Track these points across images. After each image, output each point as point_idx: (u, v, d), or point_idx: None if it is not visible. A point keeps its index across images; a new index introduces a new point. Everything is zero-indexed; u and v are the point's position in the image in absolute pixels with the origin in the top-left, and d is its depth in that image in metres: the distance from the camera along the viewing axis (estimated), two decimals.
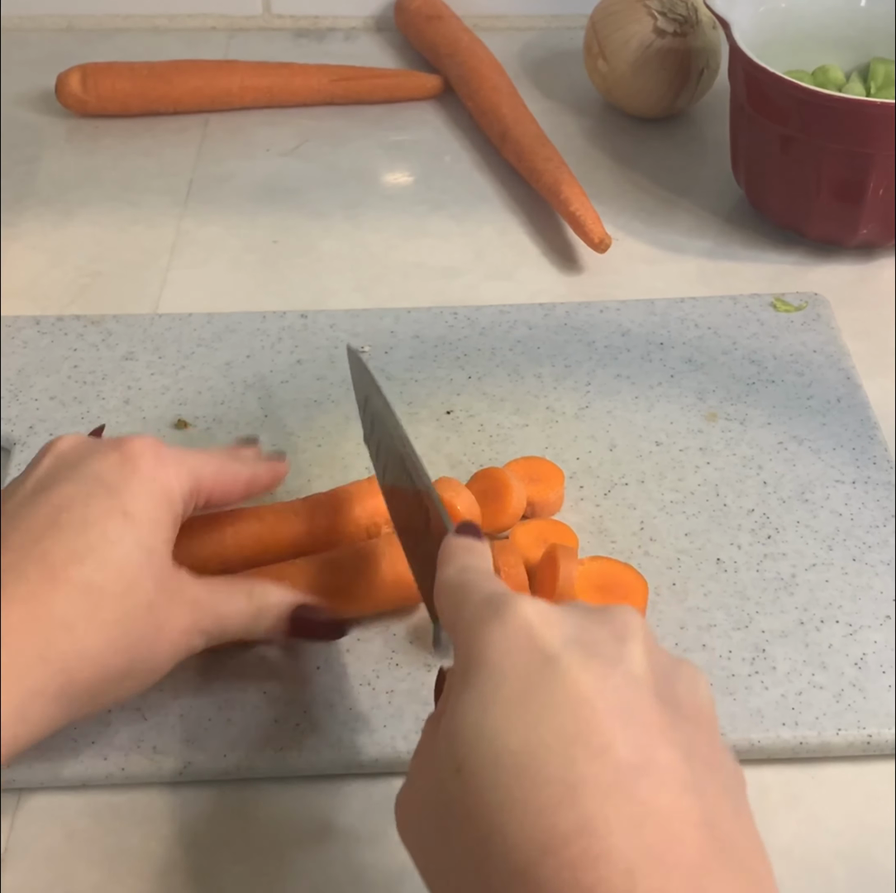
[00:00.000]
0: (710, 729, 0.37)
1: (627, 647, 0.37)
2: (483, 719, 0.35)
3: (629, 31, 0.82)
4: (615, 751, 0.34)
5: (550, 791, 0.33)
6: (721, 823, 0.34)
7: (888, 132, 0.67)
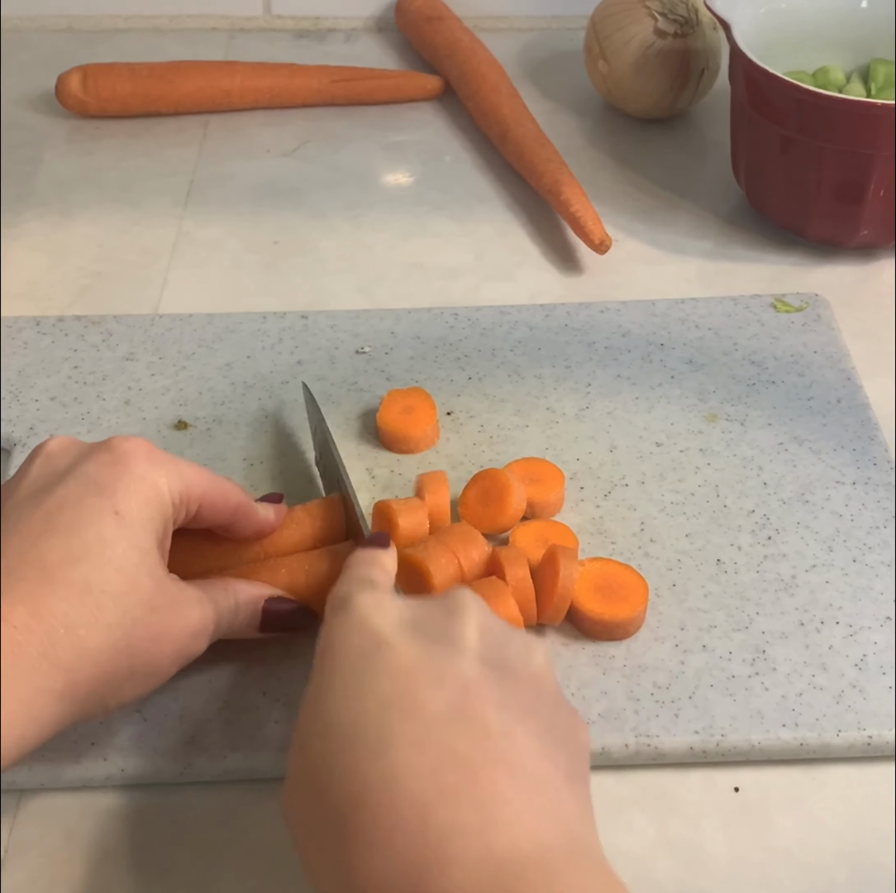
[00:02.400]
0: (539, 688, 0.41)
1: (456, 621, 0.41)
2: (318, 700, 0.39)
3: (630, 32, 0.82)
4: (425, 708, 0.38)
5: (365, 748, 0.37)
6: (526, 762, 0.37)
7: (888, 133, 0.67)
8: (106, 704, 0.44)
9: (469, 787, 0.36)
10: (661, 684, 0.51)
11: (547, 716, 0.40)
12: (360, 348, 0.67)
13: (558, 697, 0.42)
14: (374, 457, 0.60)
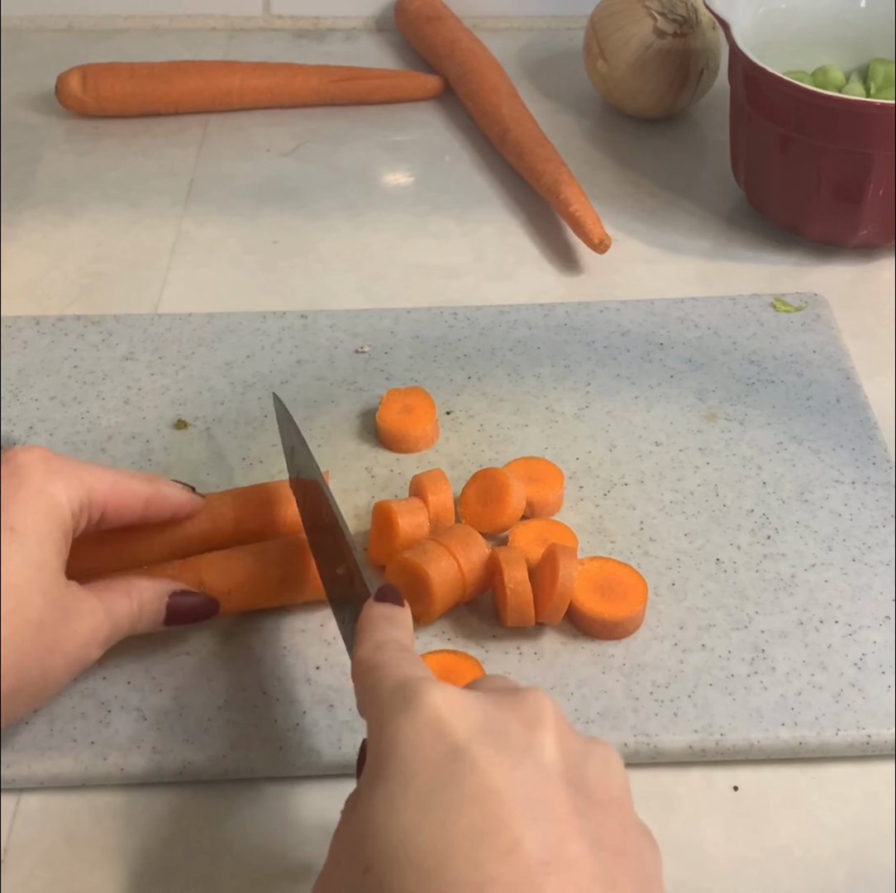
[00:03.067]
0: (622, 812, 0.37)
1: (538, 735, 0.37)
2: (391, 818, 0.35)
3: (629, 32, 0.82)
4: (523, 848, 0.34)
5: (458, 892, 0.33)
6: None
7: (888, 133, 0.67)
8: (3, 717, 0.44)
9: None
10: (660, 683, 0.51)
11: (636, 851, 0.37)
12: (359, 348, 0.67)
13: (637, 821, 0.39)
14: (373, 456, 0.60)
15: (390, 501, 0.55)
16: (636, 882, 0.35)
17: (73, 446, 0.61)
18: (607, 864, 0.35)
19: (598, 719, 0.49)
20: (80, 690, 0.50)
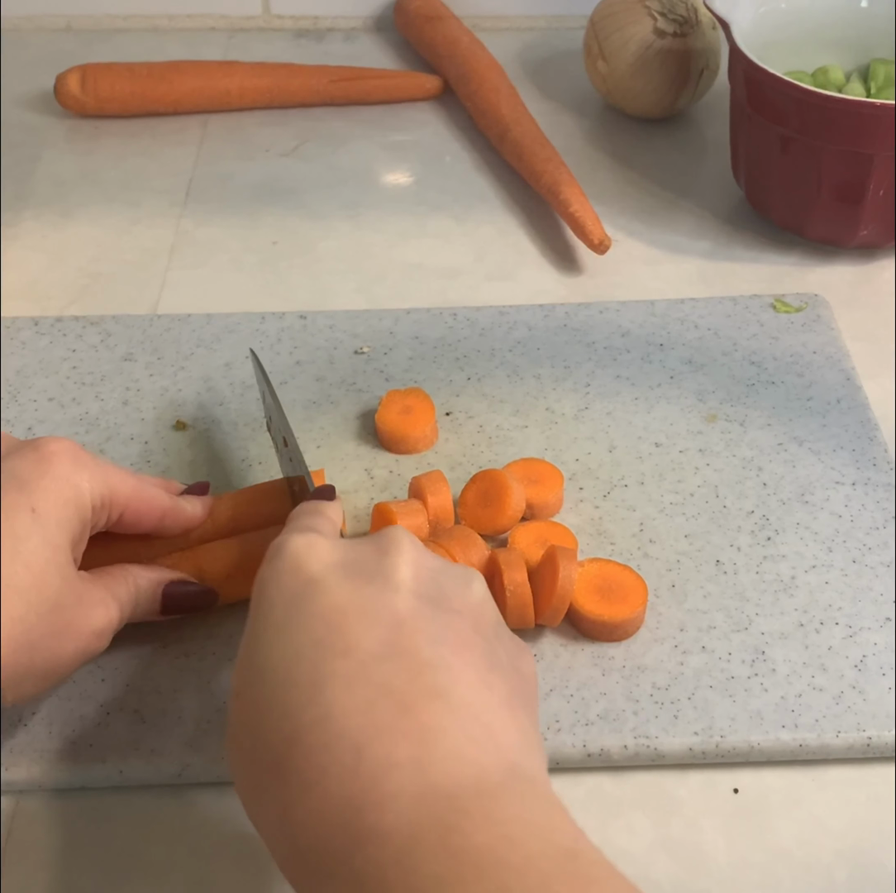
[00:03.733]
0: (475, 619, 0.41)
1: (389, 559, 0.41)
2: (252, 645, 0.39)
3: (629, 32, 0.82)
4: (359, 647, 0.38)
5: (299, 691, 0.37)
6: (463, 691, 0.37)
7: (888, 133, 0.67)
8: (4, 698, 0.44)
9: (403, 721, 0.36)
10: (660, 685, 0.51)
11: (485, 646, 0.40)
12: (358, 349, 0.66)
13: (499, 627, 0.42)
14: (372, 457, 0.60)
15: (390, 502, 0.55)
16: (476, 668, 0.38)
17: None
18: (444, 652, 0.38)
19: (598, 721, 0.49)
20: (79, 692, 0.50)
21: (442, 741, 0.36)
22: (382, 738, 0.35)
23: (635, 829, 0.47)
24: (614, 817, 0.48)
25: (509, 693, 0.39)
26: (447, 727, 0.36)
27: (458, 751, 0.36)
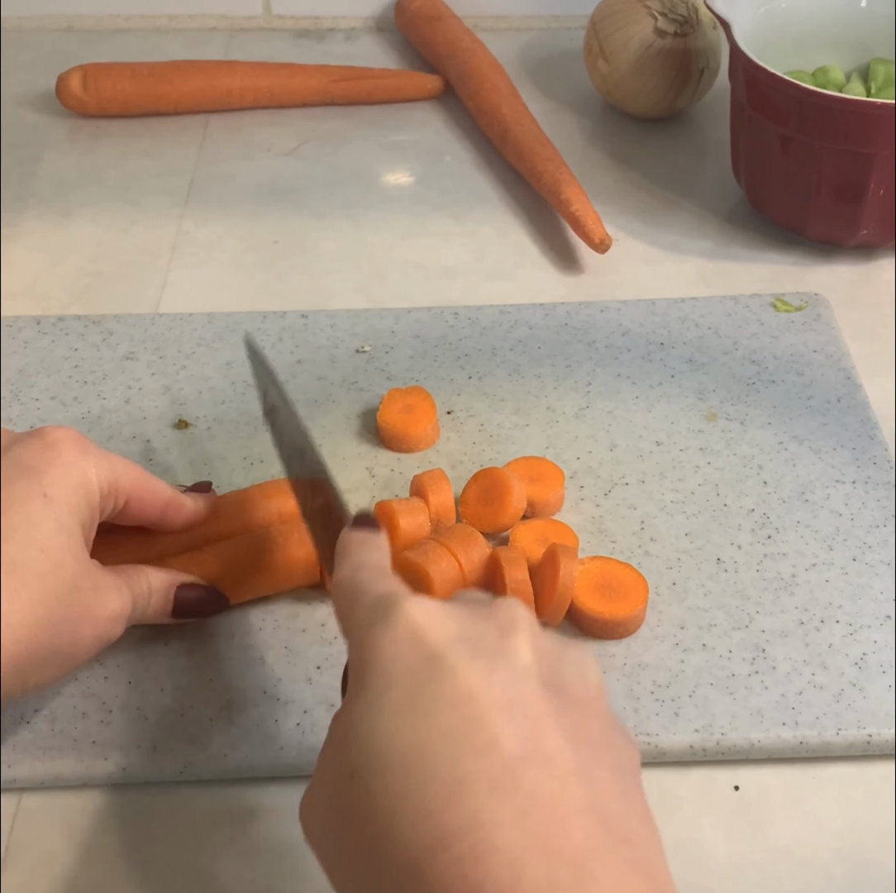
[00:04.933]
0: (598, 711, 0.38)
1: (512, 639, 0.38)
2: (372, 723, 0.36)
3: (629, 32, 0.82)
4: (501, 745, 0.35)
5: (437, 790, 0.34)
6: (609, 806, 0.35)
7: (888, 132, 0.67)
8: (25, 683, 0.44)
9: (560, 838, 0.33)
10: (660, 682, 0.51)
11: (613, 747, 0.37)
12: (360, 348, 0.67)
13: (614, 719, 0.39)
14: (374, 456, 0.60)
15: (391, 501, 0.55)
16: (613, 774, 0.36)
17: None
18: (583, 758, 0.35)
19: None
20: (82, 690, 0.50)
21: (600, 868, 0.33)
22: (540, 854, 0.33)
23: None
24: None
25: (640, 799, 0.37)
26: (602, 848, 0.34)
27: (617, 877, 0.33)
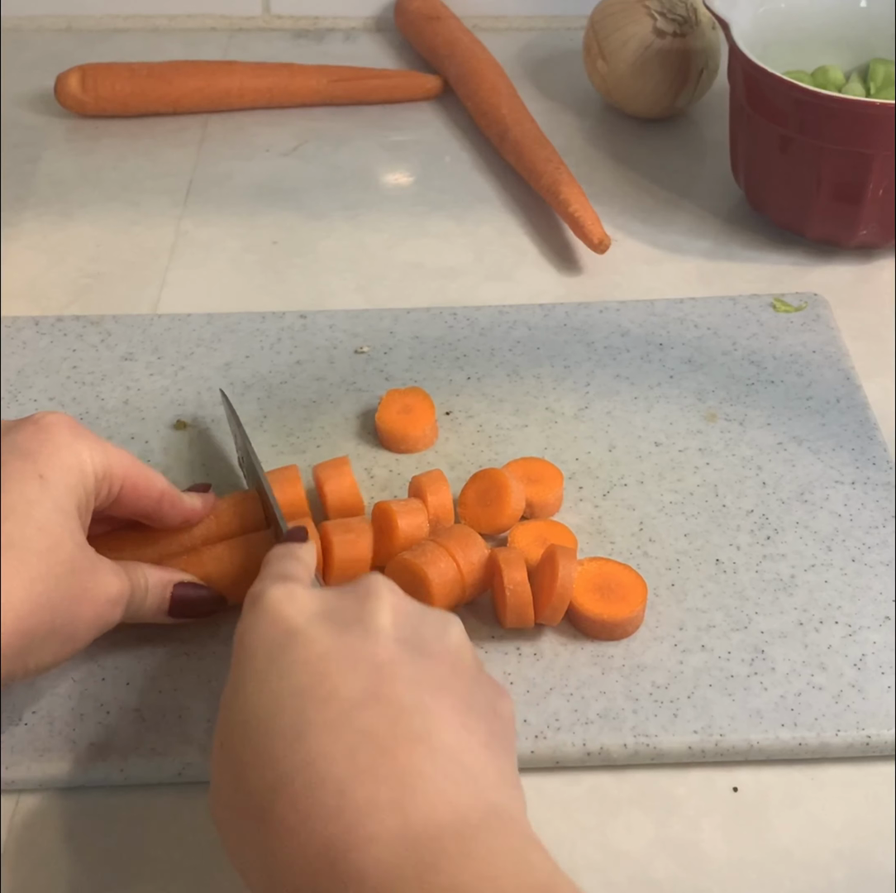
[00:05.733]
0: (454, 662, 0.41)
1: (368, 606, 0.42)
2: (234, 695, 0.40)
3: (629, 32, 0.82)
4: (339, 694, 0.38)
5: (282, 739, 0.38)
6: (442, 735, 0.38)
7: (888, 132, 0.67)
8: (26, 664, 0.45)
9: (385, 765, 0.37)
10: (659, 683, 0.51)
11: (464, 690, 0.41)
12: (358, 348, 0.67)
13: (477, 671, 0.43)
14: (372, 457, 0.60)
15: (390, 501, 0.55)
16: (456, 711, 0.39)
17: None
18: (424, 697, 0.39)
19: (598, 719, 0.49)
20: (80, 691, 0.50)
21: (422, 784, 0.36)
22: (364, 781, 0.36)
23: (634, 828, 0.47)
24: (613, 815, 0.48)
25: (488, 735, 0.40)
26: (427, 769, 0.37)
27: (439, 793, 0.36)
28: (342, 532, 0.53)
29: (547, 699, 0.50)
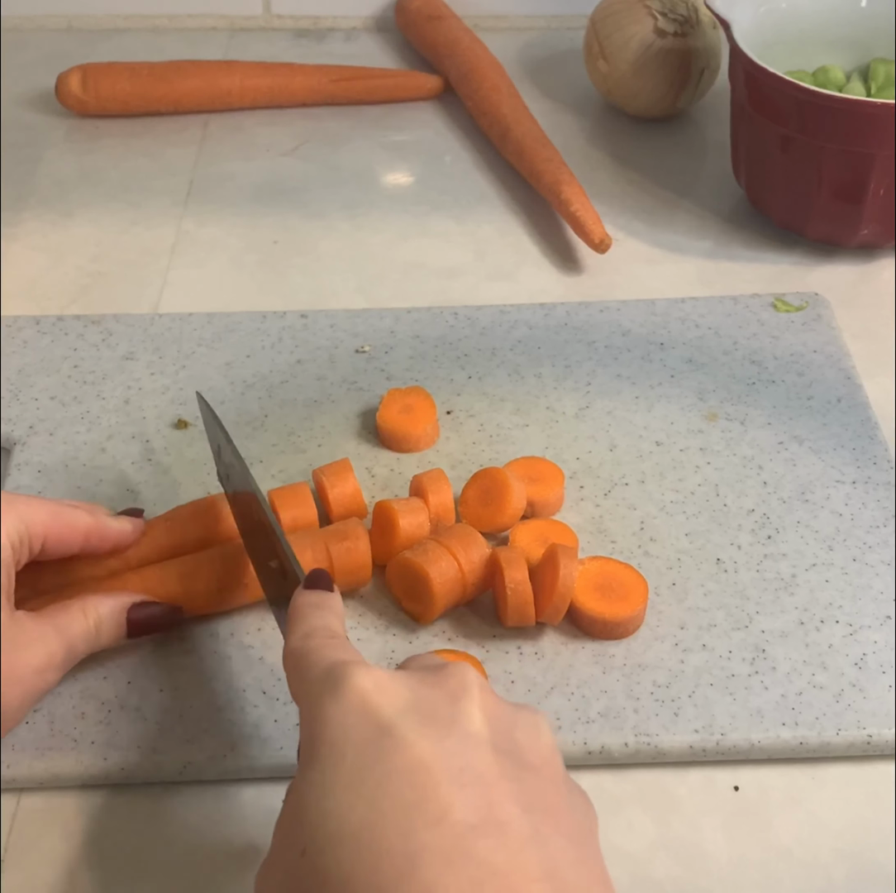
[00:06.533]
0: (553, 774, 0.38)
1: (462, 706, 0.38)
2: (323, 798, 0.35)
3: (629, 32, 0.82)
4: (453, 815, 0.34)
5: (390, 865, 0.34)
6: (564, 872, 0.35)
7: (888, 132, 0.67)
8: None
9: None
10: (660, 683, 0.51)
11: (569, 811, 0.37)
12: (359, 348, 0.67)
13: (568, 780, 0.39)
14: (373, 456, 0.60)
15: (391, 500, 0.55)
16: (570, 839, 0.36)
17: (73, 446, 0.61)
18: (538, 824, 0.35)
19: (599, 719, 0.49)
20: (80, 690, 0.50)
21: None
22: None
23: (635, 827, 0.48)
24: (614, 814, 0.48)
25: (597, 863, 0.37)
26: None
27: None
28: (339, 540, 0.53)
29: (548, 698, 0.50)
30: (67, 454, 0.60)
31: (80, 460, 0.60)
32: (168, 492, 0.59)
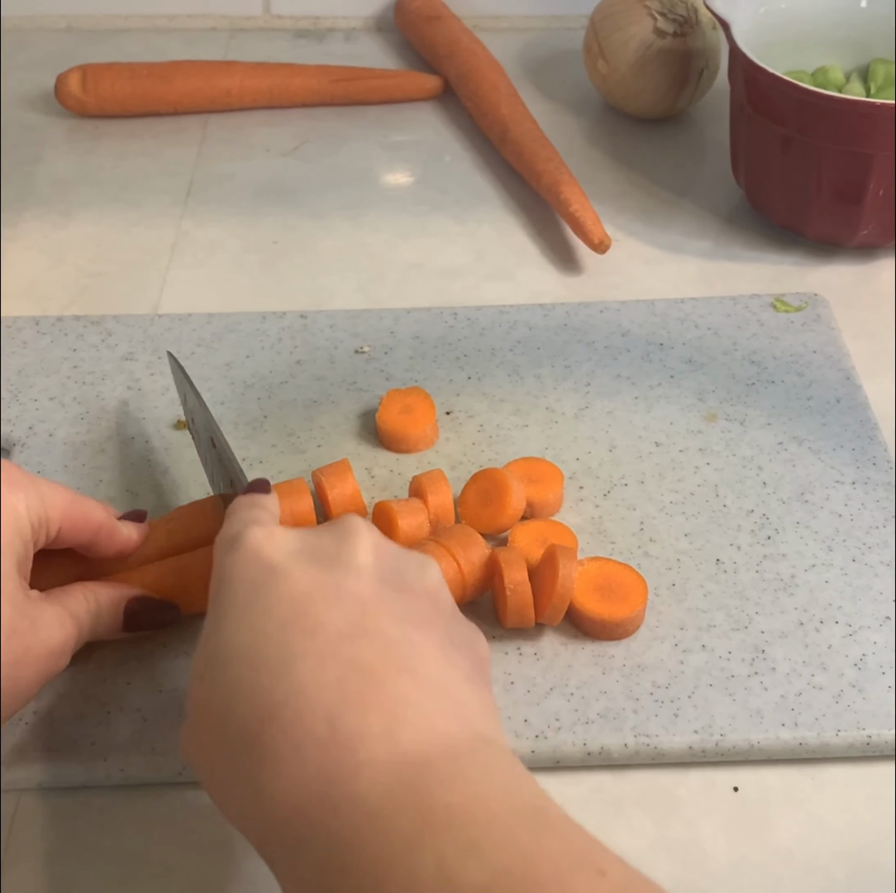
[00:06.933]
0: (435, 602, 0.43)
1: (349, 544, 0.42)
2: (216, 630, 0.40)
3: (629, 32, 0.82)
4: (325, 627, 0.39)
5: (268, 670, 0.38)
6: (428, 667, 0.39)
7: (888, 132, 0.67)
8: None
9: (374, 694, 0.37)
10: (660, 683, 0.51)
11: (445, 627, 0.42)
12: (359, 348, 0.67)
13: (455, 611, 0.44)
14: (373, 457, 0.60)
15: (390, 501, 0.55)
16: (441, 648, 0.40)
17: (73, 447, 0.61)
18: (408, 632, 0.40)
19: (598, 719, 0.49)
20: (80, 691, 0.50)
21: (411, 712, 0.37)
22: (355, 710, 0.37)
23: (635, 828, 0.48)
24: (614, 815, 0.48)
25: (469, 669, 0.41)
26: (415, 699, 0.38)
27: (427, 721, 0.37)
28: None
29: (548, 698, 0.50)
30: (67, 455, 0.60)
31: (79, 461, 0.60)
32: (168, 493, 0.59)
